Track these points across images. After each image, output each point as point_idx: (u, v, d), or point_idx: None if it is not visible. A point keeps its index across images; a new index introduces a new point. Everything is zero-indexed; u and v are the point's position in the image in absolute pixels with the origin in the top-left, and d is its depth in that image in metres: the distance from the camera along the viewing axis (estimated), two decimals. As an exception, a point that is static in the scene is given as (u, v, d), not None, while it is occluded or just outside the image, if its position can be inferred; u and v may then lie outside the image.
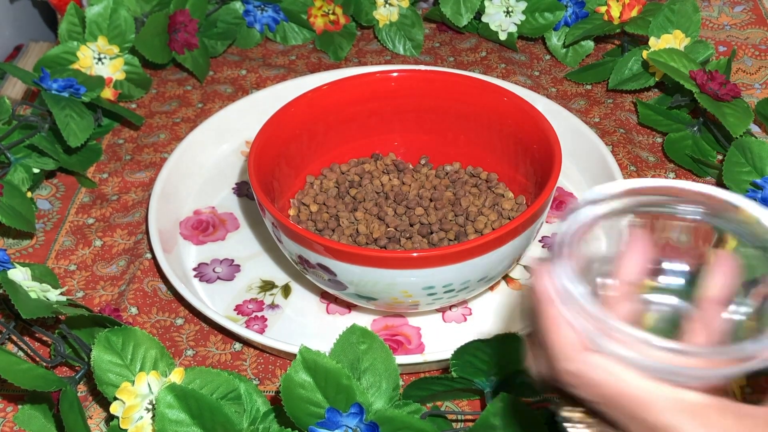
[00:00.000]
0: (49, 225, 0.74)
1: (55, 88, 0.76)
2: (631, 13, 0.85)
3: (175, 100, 0.88)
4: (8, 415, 0.58)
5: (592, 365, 0.33)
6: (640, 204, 0.36)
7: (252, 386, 0.53)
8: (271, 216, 0.58)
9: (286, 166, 0.69)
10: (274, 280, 0.69)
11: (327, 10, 0.94)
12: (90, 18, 0.83)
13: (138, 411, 0.51)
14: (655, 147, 0.80)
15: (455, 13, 0.91)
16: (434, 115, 0.72)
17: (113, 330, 0.54)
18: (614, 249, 0.37)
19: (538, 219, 0.59)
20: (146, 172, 0.79)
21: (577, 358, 0.33)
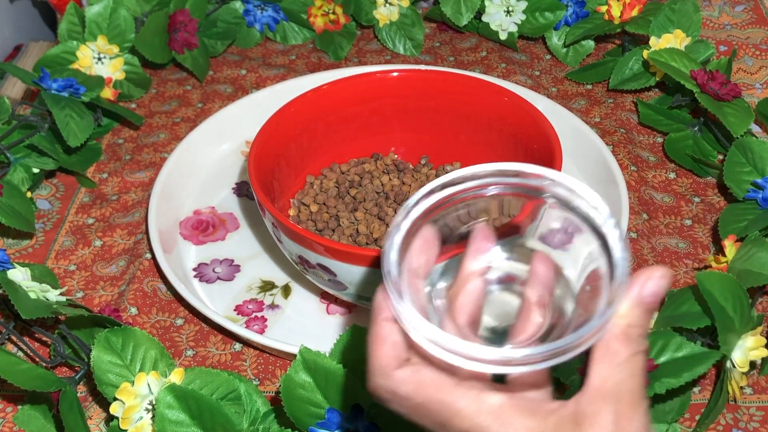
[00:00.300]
0: (49, 225, 0.74)
1: (54, 88, 0.75)
2: (632, 13, 0.85)
3: (174, 99, 0.88)
4: (8, 416, 0.58)
5: (402, 381, 0.35)
6: (449, 197, 0.38)
7: (252, 386, 0.53)
8: (271, 216, 0.58)
9: (286, 166, 0.69)
10: (274, 281, 0.69)
11: (327, 9, 0.94)
12: (90, 18, 0.83)
13: (138, 411, 0.51)
14: (656, 147, 0.80)
15: (455, 12, 0.91)
16: (434, 114, 0.72)
17: (113, 330, 0.54)
18: (441, 252, 0.39)
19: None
20: (146, 171, 0.79)
21: (390, 376, 0.36)
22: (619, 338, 0.34)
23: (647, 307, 0.34)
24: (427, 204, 0.38)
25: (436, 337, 0.34)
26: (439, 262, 0.39)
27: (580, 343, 0.33)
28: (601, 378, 0.34)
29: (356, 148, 0.73)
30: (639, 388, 0.34)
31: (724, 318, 0.53)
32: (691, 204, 0.73)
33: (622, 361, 0.34)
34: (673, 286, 0.66)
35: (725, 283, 0.54)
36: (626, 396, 0.34)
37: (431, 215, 0.38)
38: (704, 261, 0.67)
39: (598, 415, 0.34)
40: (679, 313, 0.56)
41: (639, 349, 0.34)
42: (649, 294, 0.34)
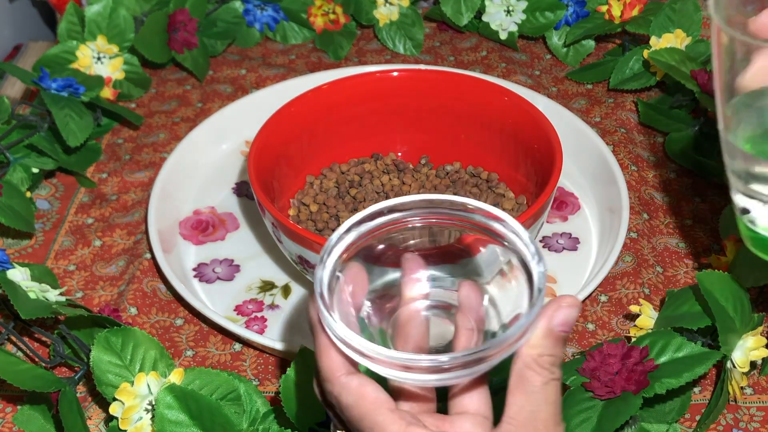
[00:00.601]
0: (49, 225, 0.74)
1: (54, 88, 0.75)
2: (632, 13, 0.85)
3: (174, 99, 0.88)
4: (7, 416, 0.58)
5: (345, 387, 0.36)
6: (373, 228, 0.39)
7: (252, 387, 0.53)
8: (271, 216, 0.58)
9: (286, 166, 0.69)
10: (274, 281, 0.69)
11: (327, 9, 0.94)
12: (89, 17, 0.83)
13: (137, 412, 0.51)
14: (656, 146, 0.80)
15: (456, 12, 0.91)
16: (434, 114, 0.72)
17: (112, 330, 0.53)
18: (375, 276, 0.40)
19: (538, 219, 0.59)
20: (146, 171, 0.79)
21: (336, 381, 0.37)
22: (532, 367, 0.35)
23: (557, 336, 0.36)
24: (352, 237, 0.39)
25: (366, 348, 0.35)
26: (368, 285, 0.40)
27: (496, 352, 0.34)
28: (517, 407, 0.36)
29: (356, 148, 0.73)
30: (553, 415, 0.36)
31: (725, 318, 0.53)
32: (692, 204, 0.73)
33: (535, 389, 0.35)
34: (673, 286, 0.66)
35: (726, 283, 0.54)
36: (540, 424, 0.35)
37: (360, 245, 0.39)
38: (705, 261, 0.67)
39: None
40: (679, 313, 0.56)
41: (552, 377, 0.36)
42: (557, 324, 0.36)
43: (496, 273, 0.40)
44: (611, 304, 0.65)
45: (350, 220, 0.39)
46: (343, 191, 0.69)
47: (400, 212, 0.39)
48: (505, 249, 0.39)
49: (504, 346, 0.34)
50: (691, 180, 0.76)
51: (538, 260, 0.36)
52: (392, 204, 0.39)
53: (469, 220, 0.39)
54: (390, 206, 0.39)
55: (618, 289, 0.66)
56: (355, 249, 0.39)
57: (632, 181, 0.74)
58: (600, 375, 0.50)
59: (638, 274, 0.66)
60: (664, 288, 0.66)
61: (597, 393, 0.51)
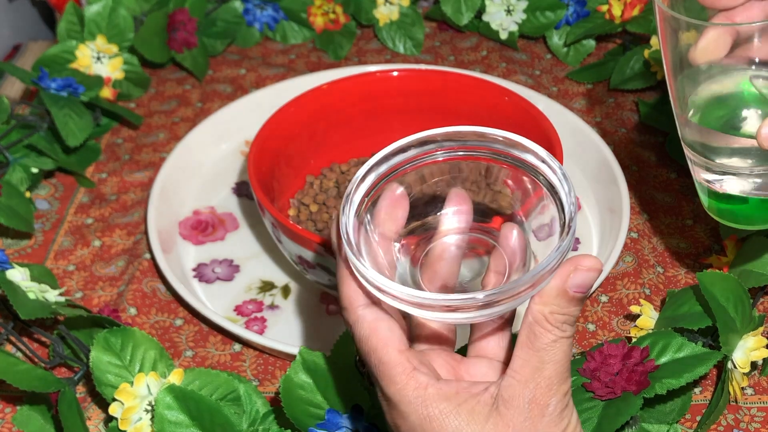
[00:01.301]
0: (48, 225, 0.73)
1: (53, 88, 0.75)
2: (633, 12, 0.85)
3: (174, 99, 0.88)
4: (7, 416, 0.58)
5: (360, 320, 0.36)
6: (419, 154, 0.39)
7: (251, 387, 0.53)
8: (270, 216, 0.58)
9: (286, 166, 0.69)
10: (274, 281, 0.68)
11: (327, 8, 0.94)
12: (89, 17, 0.83)
13: (137, 412, 0.51)
14: (657, 146, 0.80)
15: (456, 11, 0.91)
16: (435, 114, 0.72)
17: (112, 331, 0.53)
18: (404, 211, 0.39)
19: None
20: (145, 171, 0.79)
21: (353, 311, 0.37)
22: (542, 323, 0.35)
23: (572, 296, 0.34)
24: (393, 162, 0.39)
25: (384, 284, 0.34)
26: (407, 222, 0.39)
27: (507, 298, 0.33)
28: (522, 361, 0.35)
29: (356, 148, 0.73)
30: (558, 373, 0.35)
31: (725, 318, 0.53)
32: (692, 204, 0.73)
33: (543, 346, 0.35)
34: (674, 287, 0.66)
35: (726, 284, 0.54)
36: (543, 381, 0.35)
37: (397, 174, 0.39)
38: (705, 261, 0.67)
39: (513, 399, 0.35)
40: (679, 313, 0.56)
41: (562, 335, 0.35)
42: (573, 285, 0.34)
43: (537, 214, 0.39)
44: (612, 305, 0.65)
45: (386, 149, 0.38)
46: (343, 191, 0.69)
47: (451, 141, 0.39)
48: (547, 191, 0.37)
49: (514, 293, 0.33)
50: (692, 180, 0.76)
51: (572, 207, 0.35)
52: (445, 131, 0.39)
53: (517, 158, 0.38)
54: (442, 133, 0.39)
55: (618, 289, 0.66)
56: (399, 173, 0.38)
57: (633, 181, 0.74)
58: (600, 375, 0.50)
59: (639, 274, 0.66)
60: (664, 288, 0.66)
61: (597, 393, 0.50)
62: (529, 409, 0.34)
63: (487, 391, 0.35)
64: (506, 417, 0.35)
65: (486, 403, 0.35)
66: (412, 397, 0.35)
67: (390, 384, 0.36)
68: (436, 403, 0.35)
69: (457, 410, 0.35)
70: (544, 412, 0.35)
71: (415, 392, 0.35)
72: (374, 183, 0.38)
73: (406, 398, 0.35)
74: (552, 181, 0.37)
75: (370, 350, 0.36)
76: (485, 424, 0.35)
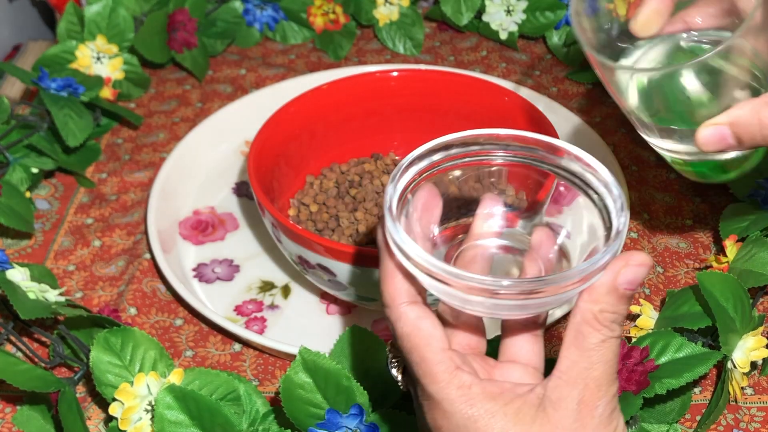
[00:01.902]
0: (48, 225, 0.73)
1: (53, 88, 0.75)
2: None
3: (174, 99, 0.88)
4: (7, 416, 0.58)
5: (403, 317, 0.36)
6: (459, 154, 0.39)
7: (251, 387, 0.53)
8: (270, 216, 0.58)
9: (286, 166, 0.69)
10: (274, 281, 0.68)
11: (327, 9, 0.94)
12: (89, 17, 0.83)
13: (137, 412, 0.51)
14: (656, 146, 0.80)
15: (456, 12, 0.91)
16: (434, 114, 0.72)
17: (112, 330, 0.53)
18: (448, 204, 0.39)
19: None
20: (145, 171, 0.79)
21: (395, 308, 0.36)
22: (590, 323, 0.34)
23: (622, 294, 0.34)
24: (431, 160, 0.38)
25: (427, 261, 0.33)
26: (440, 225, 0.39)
27: (551, 289, 0.33)
28: (569, 362, 0.34)
29: (356, 148, 0.73)
30: (607, 374, 0.34)
31: (725, 318, 0.53)
32: (692, 204, 0.73)
33: (591, 346, 0.34)
34: (673, 287, 0.66)
35: (726, 284, 0.54)
36: (592, 383, 0.34)
37: (432, 175, 0.38)
38: (705, 261, 0.67)
39: (562, 400, 0.34)
40: (679, 313, 0.56)
41: (611, 335, 0.34)
42: (624, 282, 0.33)
43: (575, 222, 0.38)
44: (611, 304, 0.65)
45: (433, 141, 0.38)
46: (343, 191, 0.69)
47: (486, 145, 0.38)
48: (588, 198, 0.37)
49: (561, 285, 0.33)
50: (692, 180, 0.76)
51: (621, 211, 0.35)
52: (483, 134, 0.38)
53: (553, 162, 0.38)
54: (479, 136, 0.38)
55: (618, 289, 0.65)
56: (430, 175, 0.38)
57: (633, 181, 0.74)
58: (600, 375, 0.50)
59: (638, 274, 0.66)
60: (664, 288, 0.66)
61: (597, 393, 0.50)
62: (578, 410, 0.34)
63: (533, 392, 0.35)
64: (554, 419, 0.34)
65: (532, 404, 0.34)
66: (456, 395, 0.34)
67: (432, 382, 0.35)
68: (482, 403, 0.34)
69: (503, 410, 0.34)
70: (593, 414, 0.34)
71: (459, 391, 0.34)
72: (413, 178, 0.37)
73: (449, 397, 0.35)
74: (594, 185, 0.37)
75: (412, 347, 0.36)
76: (532, 425, 0.34)
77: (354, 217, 0.67)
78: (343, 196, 0.69)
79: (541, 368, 0.39)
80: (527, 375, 0.38)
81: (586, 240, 0.37)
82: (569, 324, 0.35)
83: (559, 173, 0.38)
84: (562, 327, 0.62)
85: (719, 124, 0.40)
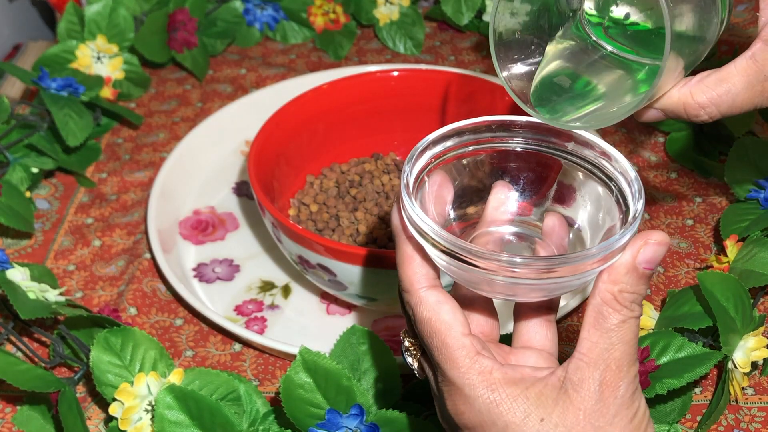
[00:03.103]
0: (48, 225, 0.73)
1: (53, 88, 0.75)
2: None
3: (174, 99, 0.88)
4: (7, 416, 0.58)
5: (423, 301, 0.36)
6: (471, 141, 0.39)
7: (252, 387, 0.53)
8: (270, 216, 0.58)
9: (286, 166, 0.68)
10: (274, 281, 0.68)
11: (327, 8, 0.94)
12: (89, 17, 0.83)
13: (137, 412, 0.51)
14: (657, 146, 0.80)
15: (456, 11, 0.91)
16: (435, 114, 0.72)
17: (112, 330, 0.53)
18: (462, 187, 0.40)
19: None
20: (145, 171, 0.79)
21: (415, 293, 0.36)
22: (610, 303, 0.34)
23: (641, 273, 0.34)
24: (444, 146, 0.38)
25: (444, 239, 0.33)
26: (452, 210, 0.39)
27: (569, 268, 0.33)
28: (590, 343, 0.34)
29: (356, 148, 0.73)
30: (628, 355, 0.34)
31: (726, 318, 0.53)
32: (693, 204, 0.73)
33: (612, 326, 0.34)
34: (674, 287, 0.66)
35: (727, 284, 0.54)
36: (613, 363, 0.34)
37: (446, 161, 0.38)
38: (706, 261, 0.67)
39: (583, 382, 0.34)
40: (680, 313, 0.56)
41: (631, 315, 0.34)
42: (643, 260, 0.33)
43: (588, 208, 0.38)
44: (612, 305, 0.65)
45: (451, 126, 0.38)
46: (343, 191, 0.69)
47: (499, 131, 0.38)
48: (602, 184, 0.37)
49: (580, 264, 0.33)
50: (692, 180, 0.76)
51: (638, 198, 0.35)
52: (496, 120, 0.38)
53: (566, 149, 0.38)
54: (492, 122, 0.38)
55: (619, 289, 0.65)
56: (447, 159, 0.38)
57: (633, 181, 0.74)
58: (601, 375, 0.50)
59: (639, 274, 0.66)
60: (665, 288, 0.66)
61: (598, 393, 0.50)
62: (600, 391, 0.34)
63: (554, 375, 0.35)
64: (576, 400, 0.34)
65: (554, 387, 0.34)
66: (477, 381, 0.35)
67: (453, 367, 0.35)
68: (503, 387, 0.34)
69: (525, 394, 0.34)
70: (615, 394, 0.34)
71: (480, 376, 0.35)
72: (427, 163, 0.37)
73: (470, 382, 0.35)
74: (609, 171, 0.37)
75: (432, 332, 0.36)
76: (554, 407, 0.34)
77: (354, 216, 0.67)
78: (343, 195, 0.69)
79: (555, 353, 0.39)
80: (542, 360, 0.38)
81: (600, 225, 0.37)
82: (588, 306, 0.35)
83: (572, 160, 0.38)
84: (571, 322, 0.62)
85: (655, 109, 0.41)
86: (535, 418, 0.34)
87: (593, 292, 0.34)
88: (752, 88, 0.40)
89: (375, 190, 0.69)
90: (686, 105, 0.40)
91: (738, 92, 0.40)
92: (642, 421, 0.35)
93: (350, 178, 0.70)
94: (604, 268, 0.34)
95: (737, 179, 0.68)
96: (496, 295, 0.36)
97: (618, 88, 0.40)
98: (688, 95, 0.40)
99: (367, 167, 0.71)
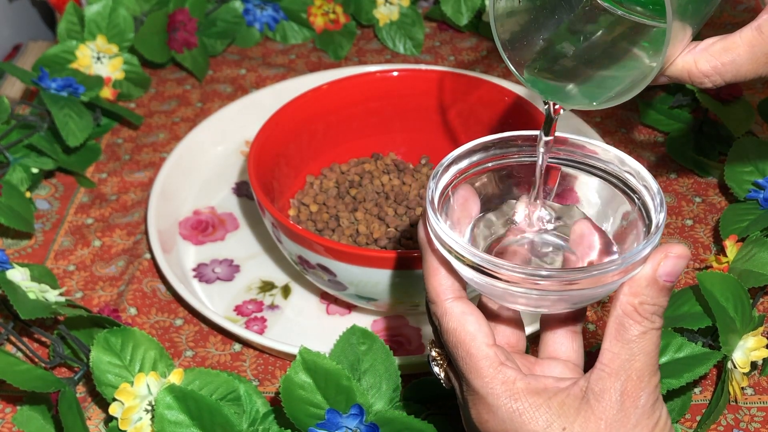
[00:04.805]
0: (48, 225, 0.73)
1: (53, 88, 0.75)
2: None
3: (174, 99, 0.88)
4: (7, 416, 0.58)
5: (448, 312, 0.37)
6: (498, 156, 0.40)
7: (251, 387, 0.53)
8: (270, 216, 0.58)
9: (286, 166, 0.69)
10: (274, 281, 0.68)
11: (327, 8, 0.94)
12: (89, 17, 0.83)
13: (137, 412, 0.51)
14: (657, 146, 0.80)
15: (456, 12, 0.91)
16: (434, 114, 0.72)
17: (112, 330, 0.53)
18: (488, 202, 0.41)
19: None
20: (145, 171, 0.79)
21: (441, 304, 0.37)
22: (631, 315, 0.34)
23: (662, 286, 0.34)
24: (470, 161, 0.39)
25: (470, 252, 0.34)
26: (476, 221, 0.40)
27: (592, 280, 0.33)
28: (611, 354, 0.35)
29: (356, 148, 0.73)
30: (649, 365, 0.34)
31: (725, 318, 0.53)
32: (692, 204, 0.73)
33: (633, 338, 0.34)
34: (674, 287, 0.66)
35: (726, 284, 0.54)
36: (634, 374, 0.34)
37: (471, 175, 0.39)
38: (705, 261, 0.67)
39: (604, 392, 0.34)
40: (679, 313, 0.56)
41: (652, 326, 0.34)
42: (663, 273, 0.34)
43: (614, 219, 0.39)
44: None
45: (473, 142, 0.38)
46: (343, 191, 0.69)
47: (524, 146, 0.39)
48: (626, 197, 0.38)
49: (602, 276, 0.33)
50: (691, 180, 0.76)
51: (660, 210, 0.36)
52: (522, 135, 0.39)
53: (591, 164, 0.39)
54: (518, 137, 0.39)
55: (618, 289, 0.66)
56: (469, 176, 0.39)
57: (632, 181, 0.74)
58: (600, 375, 0.50)
59: (639, 274, 0.66)
60: (664, 288, 0.65)
61: (597, 393, 0.50)
62: (621, 401, 0.34)
63: (577, 385, 0.35)
64: (598, 410, 0.34)
65: (576, 397, 0.35)
66: (500, 390, 0.35)
67: (477, 377, 0.36)
68: (526, 397, 0.35)
69: (547, 404, 0.35)
70: (636, 404, 0.34)
71: (504, 386, 0.35)
72: (453, 178, 0.38)
73: (494, 391, 0.35)
74: (632, 184, 0.38)
75: (457, 342, 0.36)
76: (576, 417, 0.34)
77: (354, 217, 0.67)
78: (343, 196, 0.69)
79: (581, 364, 0.39)
80: (568, 371, 0.38)
81: (623, 236, 0.38)
82: (610, 317, 0.35)
83: (597, 174, 0.39)
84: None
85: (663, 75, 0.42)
86: (557, 427, 0.34)
87: (615, 303, 0.35)
88: (757, 59, 0.40)
89: (375, 191, 0.69)
90: (690, 73, 0.40)
91: (742, 63, 0.40)
92: (663, 431, 0.35)
93: (350, 179, 0.70)
94: (626, 279, 0.34)
95: (737, 179, 0.68)
96: (521, 306, 0.37)
97: (623, 57, 0.40)
98: (692, 63, 0.40)
99: (366, 167, 0.72)
